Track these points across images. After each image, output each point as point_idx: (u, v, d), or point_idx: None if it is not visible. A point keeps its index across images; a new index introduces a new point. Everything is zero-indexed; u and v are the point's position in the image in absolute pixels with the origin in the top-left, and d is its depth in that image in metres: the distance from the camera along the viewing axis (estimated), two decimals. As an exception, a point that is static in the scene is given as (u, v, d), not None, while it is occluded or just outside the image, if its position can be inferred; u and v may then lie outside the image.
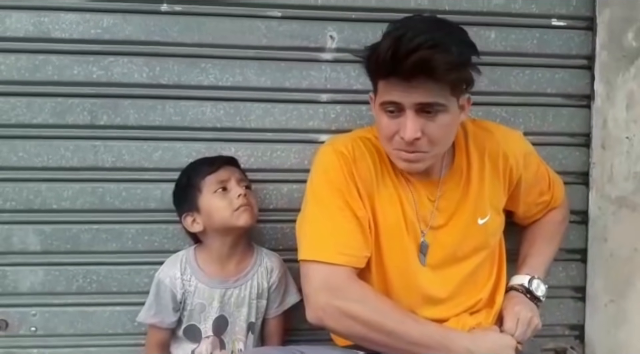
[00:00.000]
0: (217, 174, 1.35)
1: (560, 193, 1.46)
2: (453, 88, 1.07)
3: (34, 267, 1.51)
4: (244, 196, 1.34)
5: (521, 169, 1.31)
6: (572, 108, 1.62)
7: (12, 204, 1.49)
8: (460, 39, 1.08)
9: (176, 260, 1.38)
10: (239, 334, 1.37)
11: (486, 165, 1.25)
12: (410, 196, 1.22)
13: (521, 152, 1.31)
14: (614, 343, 1.51)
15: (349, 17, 1.53)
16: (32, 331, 1.52)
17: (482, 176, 1.25)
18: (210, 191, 1.33)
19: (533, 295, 1.31)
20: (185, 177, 1.39)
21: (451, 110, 1.09)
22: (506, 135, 1.32)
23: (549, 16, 1.59)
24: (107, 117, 1.50)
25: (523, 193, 1.36)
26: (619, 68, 1.50)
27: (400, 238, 1.21)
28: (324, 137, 1.53)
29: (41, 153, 1.49)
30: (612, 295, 1.50)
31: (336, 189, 1.17)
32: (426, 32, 1.01)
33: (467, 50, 1.09)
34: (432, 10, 1.55)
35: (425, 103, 1.06)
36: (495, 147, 1.27)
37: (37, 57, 1.47)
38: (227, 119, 1.53)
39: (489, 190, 1.25)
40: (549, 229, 1.46)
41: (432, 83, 1.03)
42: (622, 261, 1.46)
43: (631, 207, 1.45)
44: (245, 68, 1.53)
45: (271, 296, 1.42)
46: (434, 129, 1.08)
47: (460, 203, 1.24)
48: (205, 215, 1.34)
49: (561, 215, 1.49)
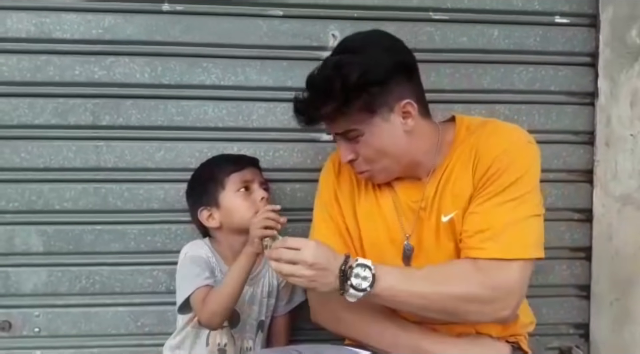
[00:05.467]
0: (242, 173, 1.35)
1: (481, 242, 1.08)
2: (363, 112, 1.09)
3: (37, 268, 1.51)
4: (267, 200, 1.35)
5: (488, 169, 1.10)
6: (576, 106, 1.61)
7: (15, 205, 1.49)
8: (364, 62, 1.09)
9: (202, 244, 1.38)
10: (249, 333, 1.37)
11: (462, 161, 1.16)
12: (391, 203, 1.22)
13: (494, 155, 1.10)
14: (619, 341, 1.50)
15: (351, 15, 1.53)
16: (35, 331, 1.52)
17: (455, 173, 1.16)
18: (233, 190, 1.34)
19: (345, 275, 1.03)
20: (207, 171, 1.38)
21: (374, 129, 1.12)
22: (492, 133, 1.16)
23: (552, 13, 1.58)
24: (109, 117, 1.50)
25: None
26: (622, 66, 1.49)
27: (380, 250, 1.21)
28: (326, 137, 1.53)
29: (43, 154, 1.49)
30: (617, 294, 1.49)
31: (322, 202, 1.28)
32: (321, 75, 1.11)
33: (368, 75, 1.08)
34: (434, 8, 1.55)
35: (339, 133, 1.15)
36: (475, 142, 1.16)
37: (38, 57, 1.47)
38: (229, 119, 1.53)
39: (459, 186, 1.15)
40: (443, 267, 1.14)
41: (339, 117, 1.11)
42: (627, 259, 1.45)
43: (636, 205, 1.44)
44: (247, 67, 1.52)
45: (280, 294, 1.43)
46: (362, 150, 1.14)
47: (432, 202, 1.18)
48: (224, 212, 1.34)
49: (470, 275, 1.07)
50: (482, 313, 1.08)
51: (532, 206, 1.09)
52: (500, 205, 1.08)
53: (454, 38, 1.56)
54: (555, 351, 1.65)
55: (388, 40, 1.18)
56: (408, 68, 1.15)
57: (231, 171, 1.35)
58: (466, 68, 1.57)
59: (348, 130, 1.13)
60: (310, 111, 1.13)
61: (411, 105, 1.12)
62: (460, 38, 1.57)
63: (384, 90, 1.10)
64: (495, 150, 1.11)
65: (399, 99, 1.12)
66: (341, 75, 1.07)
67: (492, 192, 1.09)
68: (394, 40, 1.18)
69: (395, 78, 1.11)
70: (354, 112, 1.09)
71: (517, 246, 1.06)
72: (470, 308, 1.07)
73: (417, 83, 1.18)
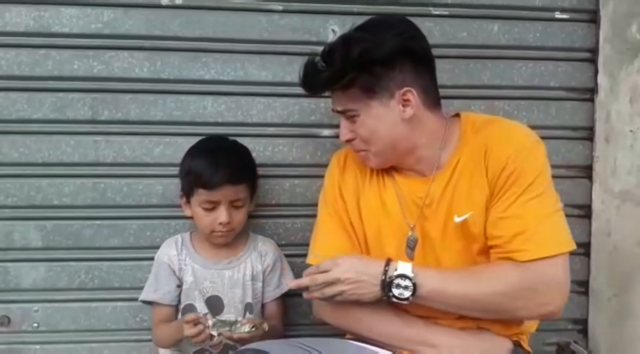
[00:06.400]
0: (209, 193, 1.31)
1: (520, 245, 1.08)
2: (362, 91, 1.12)
3: (36, 263, 1.51)
4: (226, 223, 1.33)
5: (503, 170, 1.10)
6: (576, 102, 1.61)
7: (14, 200, 1.49)
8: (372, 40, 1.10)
9: (172, 241, 1.42)
10: (235, 315, 1.38)
11: (472, 162, 1.16)
12: (394, 197, 1.22)
13: (505, 155, 1.10)
14: (617, 337, 1.51)
15: (351, 10, 1.52)
16: (34, 327, 1.52)
17: (467, 174, 1.16)
18: (197, 202, 1.33)
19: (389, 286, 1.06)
20: (192, 165, 1.34)
21: (371, 112, 1.14)
22: (500, 133, 1.16)
23: (552, 9, 1.58)
24: (108, 112, 1.49)
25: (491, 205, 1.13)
26: (622, 62, 1.49)
27: (382, 242, 1.22)
28: (326, 132, 1.53)
29: (42, 149, 1.48)
30: (615, 289, 1.50)
31: (327, 198, 1.29)
32: (330, 48, 1.14)
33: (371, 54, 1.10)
34: (434, 3, 1.55)
35: (339, 110, 1.19)
36: (483, 141, 1.15)
37: (37, 51, 1.46)
38: (228, 114, 1.53)
39: (472, 186, 1.15)
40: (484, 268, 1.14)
41: (340, 93, 1.16)
42: (626, 255, 1.46)
43: (635, 201, 1.44)
44: (247, 62, 1.52)
45: (266, 279, 1.44)
46: (359, 130, 1.17)
47: (441, 200, 1.17)
48: (192, 212, 1.37)
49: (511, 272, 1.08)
50: (528, 309, 1.09)
51: (553, 202, 1.12)
52: (526, 204, 1.09)
53: (454, 33, 1.56)
54: (553, 346, 1.65)
55: (404, 25, 1.18)
56: (417, 55, 1.14)
57: (201, 184, 1.31)
58: (466, 64, 1.57)
59: (346, 108, 1.16)
60: (309, 73, 1.17)
61: (412, 94, 1.12)
62: (460, 33, 1.56)
63: (386, 73, 1.11)
64: (506, 151, 1.11)
65: (400, 86, 1.12)
66: (345, 47, 1.11)
67: (515, 193, 1.10)
68: (411, 28, 1.18)
69: (399, 63, 1.11)
70: (354, 89, 1.12)
71: (553, 242, 1.08)
72: (517, 304, 1.08)
73: (427, 73, 1.17)
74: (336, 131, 1.28)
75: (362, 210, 1.24)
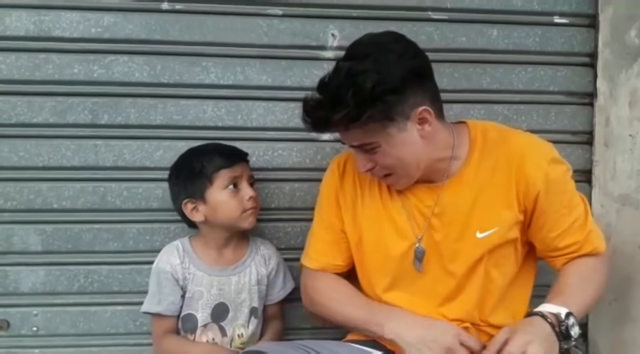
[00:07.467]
0: (232, 169, 1.32)
1: (593, 241, 1.22)
2: (378, 122, 1.07)
3: (35, 267, 1.51)
4: (254, 199, 1.34)
5: (539, 186, 1.15)
6: (575, 106, 1.61)
7: (13, 204, 1.49)
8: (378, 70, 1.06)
9: (173, 248, 1.38)
10: (241, 320, 1.38)
11: (496, 176, 1.16)
12: (400, 206, 1.21)
13: (541, 169, 1.15)
14: (617, 341, 1.50)
15: (350, 15, 1.53)
16: (33, 331, 1.52)
17: (490, 188, 1.16)
18: (221, 187, 1.32)
19: (566, 331, 1.07)
20: (195, 162, 1.33)
21: (392, 141, 1.10)
22: (527, 147, 1.19)
23: (551, 13, 1.58)
24: (108, 116, 1.49)
25: (536, 222, 1.18)
26: (621, 66, 1.49)
27: (385, 252, 1.21)
28: (325, 136, 1.53)
29: (42, 153, 1.49)
30: (615, 294, 1.49)
31: (323, 204, 1.31)
32: (334, 82, 1.08)
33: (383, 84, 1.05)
34: (433, 8, 1.55)
35: (355, 145, 1.14)
36: (510, 157, 1.16)
37: (37, 56, 1.47)
38: (228, 118, 1.53)
39: (497, 203, 1.16)
40: (580, 272, 1.21)
41: (353, 129, 1.09)
42: (626, 259, 1.45)
43: (634, 205, 1.44)
44: (247, 66, 1.52)
45: (271, 282, 1.44)
46: (380, 159, 1.14)
47: (458, 213, 1.17)
48: (210, 208, 1.33)
49: (591, 263, 1.22)
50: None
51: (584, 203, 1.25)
52: (573, 203, 1.20)
53: (453, 38, 1.56)
54: (553, 350, 1.65)
55: (401, 45, 1.13)
56: (423, 73, 1.13)
57: (220, 167, 1.31)
58: (465, 68, 1.57)
59: (364, 143, 1.11)
60: (320, 117, 1.10)
61: (428, 112, 1.11)
62: (460, 38, 1.57)
63: (399, 98, 1.08)
64: (539, 172, 1.15)
65: (414, 106, 1.10)
66: (355, 83, 1.05)
67: (562, 201, 1.18)
68: (408, 44, 1.15)
69: (410, 86, 1.09)
70: (368, 122, 1.07)
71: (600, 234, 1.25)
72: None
73: (432, 85, 1.17)
74: (336, 135, 1.27)
75: (360, 219, 1.24)
